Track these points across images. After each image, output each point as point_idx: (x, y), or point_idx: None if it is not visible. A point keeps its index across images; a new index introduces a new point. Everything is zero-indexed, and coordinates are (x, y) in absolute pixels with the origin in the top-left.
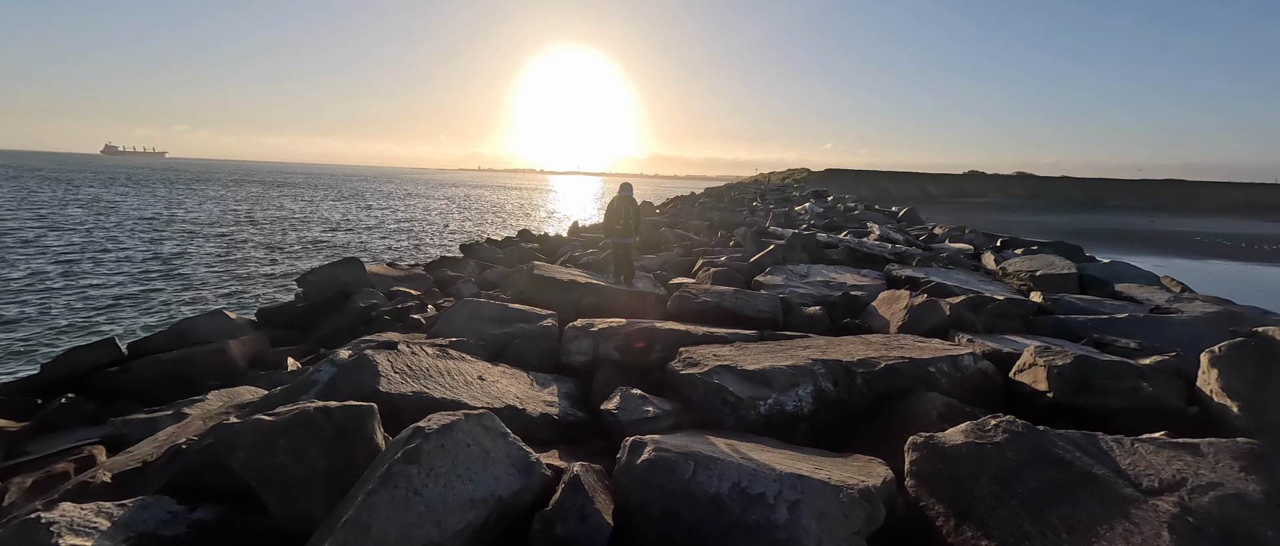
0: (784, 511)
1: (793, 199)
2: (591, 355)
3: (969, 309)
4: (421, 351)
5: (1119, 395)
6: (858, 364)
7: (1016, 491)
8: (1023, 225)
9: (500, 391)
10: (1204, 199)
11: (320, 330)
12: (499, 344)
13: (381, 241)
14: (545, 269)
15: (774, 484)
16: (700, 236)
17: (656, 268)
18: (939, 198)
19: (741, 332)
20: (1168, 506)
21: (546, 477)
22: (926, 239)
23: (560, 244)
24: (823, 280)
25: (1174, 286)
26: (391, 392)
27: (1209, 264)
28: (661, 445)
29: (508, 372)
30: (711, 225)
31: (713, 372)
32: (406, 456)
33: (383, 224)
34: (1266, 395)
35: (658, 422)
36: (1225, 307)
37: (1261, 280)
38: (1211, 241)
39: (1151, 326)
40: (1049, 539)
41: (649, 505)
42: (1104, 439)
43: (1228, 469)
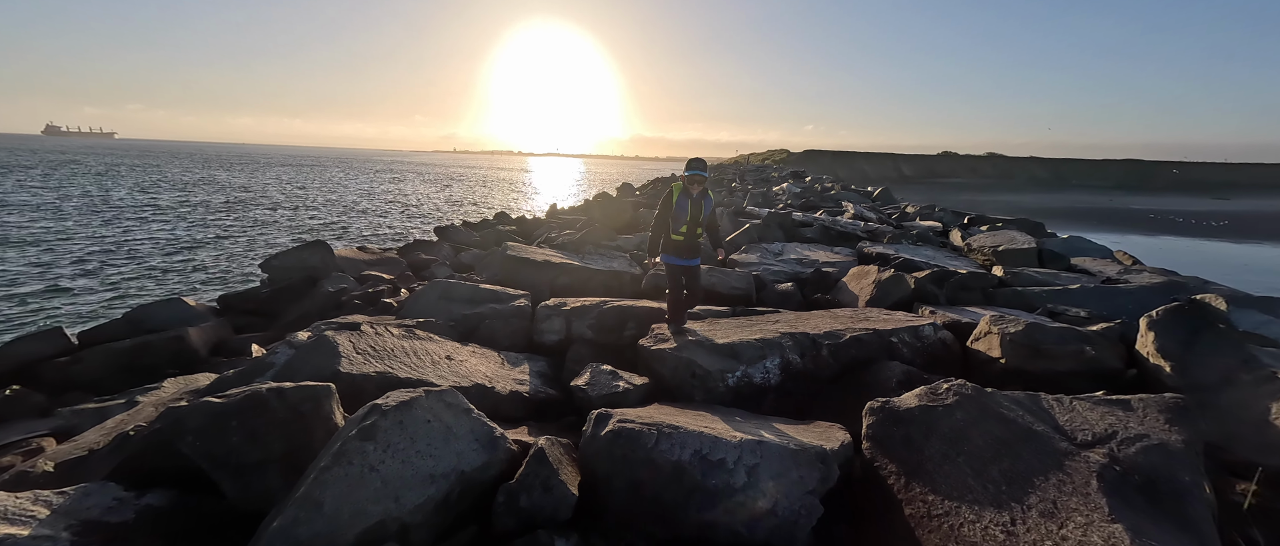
0: (743, 475)
1: (771, 179)
2: (564, 334)
3: (933, 282)
4: (386, 332)
5: (1065, 359)
6: (824, 336)
7: (963, 449)
8: (991, 204)
9: (469, 370)
10: (1159, 178)
11: (287, 316)
12: (470, 324)
13: (351, 225)
14: (519, 250)
15: (734, 450)
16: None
17: (633, 247)
18: (913, 178)
19: (714, 309)
20: (1098, 457)
21: (512, 452)
22: (898, 217)
23: (538, 226)
24: (797, 257)
25: (1126, 260)
26: (353, 373)
27: (1160, 239)
28: (626, 417)
29: (478, 352)
30: None
31: (682, 347)
32: (362, 433)
33: (353, 207)
34: (1195, 355)
35: (627, 397)
36: (1170, 278)
37: (1206, 253)
38: (1163, 218)
39: (1102, 296)
40: (989, 491)
41: (614, 476)
42: (1045, 398)
43: (1154, 421)
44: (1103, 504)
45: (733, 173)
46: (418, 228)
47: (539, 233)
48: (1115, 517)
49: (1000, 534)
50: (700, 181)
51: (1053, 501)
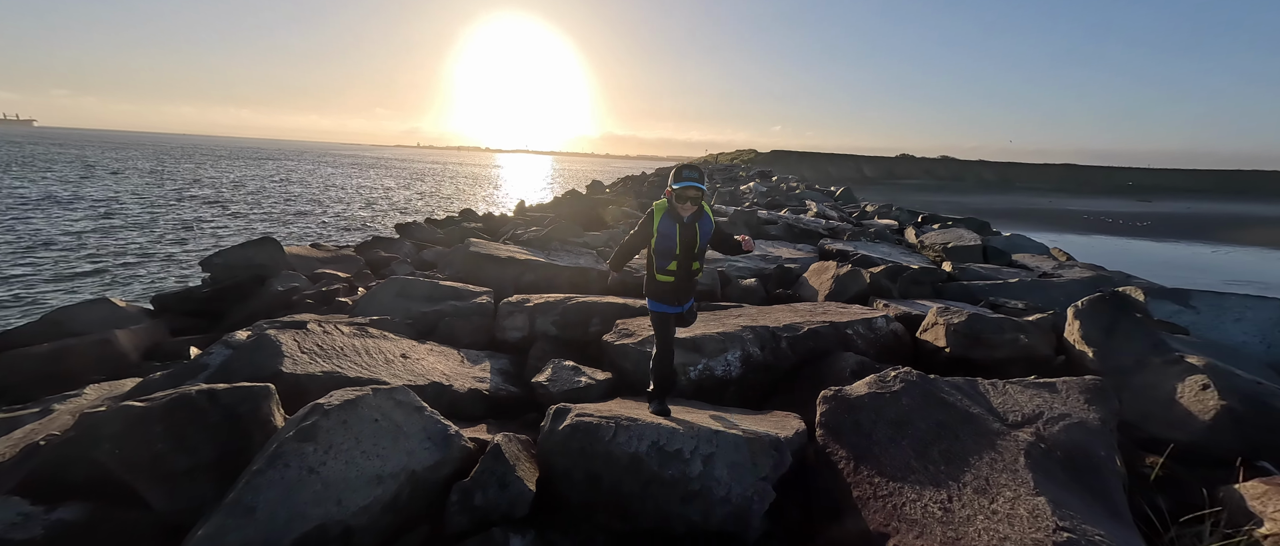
0: (698, 464)
1: (739, 179)
2: (527, 331)
3: (887, 277)
4: (335, 330)
5: (1002, 346)
6: (784, 329)
7: (907, 432)
8: (944, 204)
9: (425, 368)
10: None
11: (231, 317)
12: (428, 322)
13: (305, 221)
14: (483, 246)
15: (691, 441)
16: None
17: (601, 244)
18: (873, 178)
19: None
20: (1026, 435)
21: (468, 450)
22: (858, 216)
23: (504, 223)
24: (760, 254)
25: (1061, 256)
26: (297, 373)
27: (1092, 238)
28: (584, 411)
29: (435, 350)
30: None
31: (646, 342)
32: (300, 434)
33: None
34: (1114, 341)
35: (590, 392)
36: (1097, 273)
37: (1131, 250)
38: (1095, 218)
39: (1038, 289)
40: (930, 471)
41: (572, 470)
42: (982, 383)
43: (1075, 402)
44: (1029, 479)
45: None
46: (378, 225)
47: (506, 230)
48: (1039, 491)
49: (938, 510)
50: (695, 197)
51: (986, 478)
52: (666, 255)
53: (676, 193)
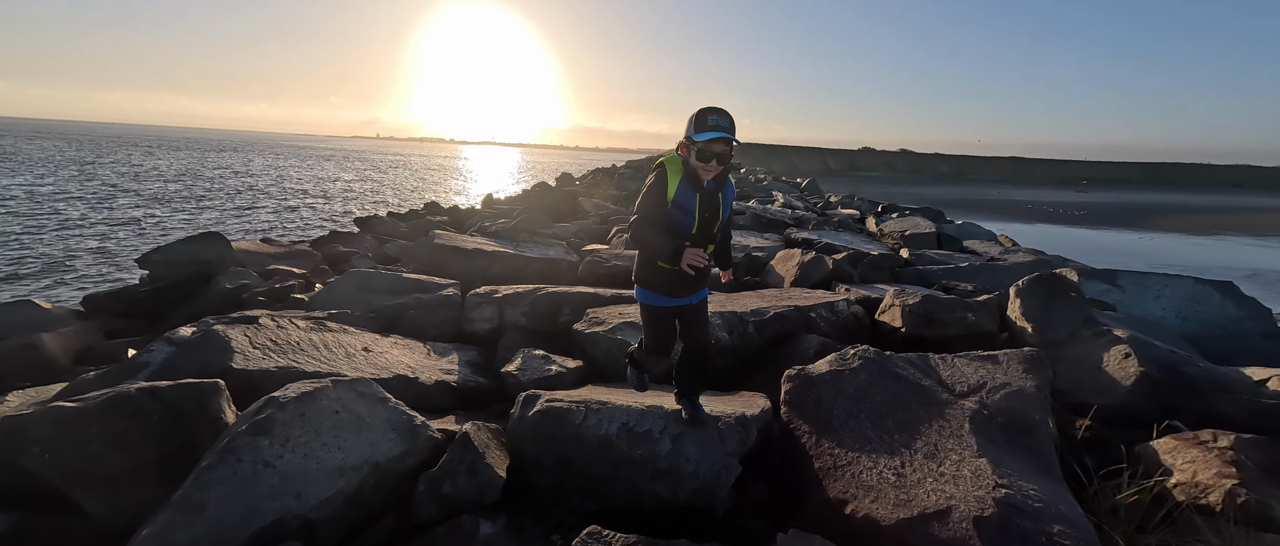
0: (667, 443)
1: None
2: (496, 322)
3: (849, 263)
4: (291, 325)
5: (953, 325)
6: (750, 314)
7: (865, 405)
8: (903, 195)
9: (389, 362)
10: (1035, 173)
11: (173, 318)
12: (392, 315)
13: (254, 216)
14: (448, 238)
15: (660, 421)
16: (618, 206)
17: (571, 235)
18: (837, 170)
19: None
20: (971, 404)
21: (435, 440)
22: (823, 206)
23: (472, 216)
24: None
25: (1007, 242)
26: (249, 369)
27: (1035, 226)
28: (554, 396)
29: (399, 343)
30: (629, 195)
31: (616, 330)
32: (254, 428)
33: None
34: (1050, 317)
35: (561, 380)
36: (1038, 257)
37: (1068, 237)
38: (1037, 207)
39: (985, 272)
40: (885, 440)
41: (542, 454)
42: (933, 357)
43: (1015, 372)
44: (972, 442)
45: None
46: (336, 219)
47: (473, 222)
48: (981, 453)
49: (892, 476)
50: (724, 153)
51: (935, 444)
52: (679, 228)
53: (701, 147)
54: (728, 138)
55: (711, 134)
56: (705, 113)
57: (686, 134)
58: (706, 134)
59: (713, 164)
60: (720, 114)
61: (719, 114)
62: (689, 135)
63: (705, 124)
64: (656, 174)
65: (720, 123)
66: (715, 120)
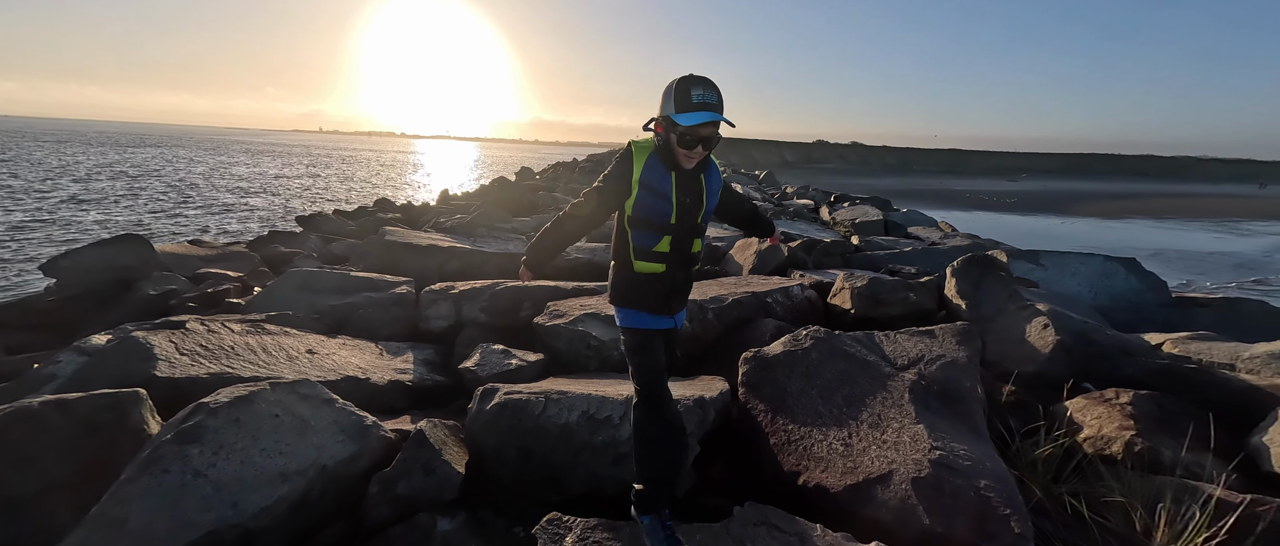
0: (628, 428)
1: None
2: (454, 319)
3: (803, 250)
4: (224, 329)
5: (896, 305)
6: (710, 301)
7: (816, 382)
8: (854, 185)
9: (337, 363)
10: (972, 164)
11: (88, 329)
12: (339, 316)
13: (182, 217)
14: (401, 235)
15: (620, 407)
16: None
17: (531, 229)
18: (794, 163)
19: None
20: (911, 375)
21: (389, 440)
22: (780, 197)
23: (426, 213)
24: None
25: (947, 228)
26: (176, 377)
27: (972, 213)
28: (513, 388)
29: (348, 344)
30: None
31: (578, 321)
32: (182, 436)
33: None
34: (981, 294)
35: (521, 373)
36: (973, 241)
37: (1001, 222)
38: (975, 196)
39: (927, 256)
40: (834, 414)
41: (502, 447)
42: (877, 335)
43: (949, 344)
44: (911, 410)
45: None
46: (276, 218)
47: (427, 219)
48: (919, 419)
49: (841, 446)
50: (711, 136)
51: (878, 414)
52: (654, 226)
53: (684, 132)
54: (715, 117)
55: (699, 116)
56: (687, 85)
57: (662, 110)
58: (692, 116)
59: (698, 151)
60: (706, 86)
61: (705, 86)
62: (666, 114)
63: (688, 100)
64: (621, 160)
65: (707, 98)
66: (701, 95)
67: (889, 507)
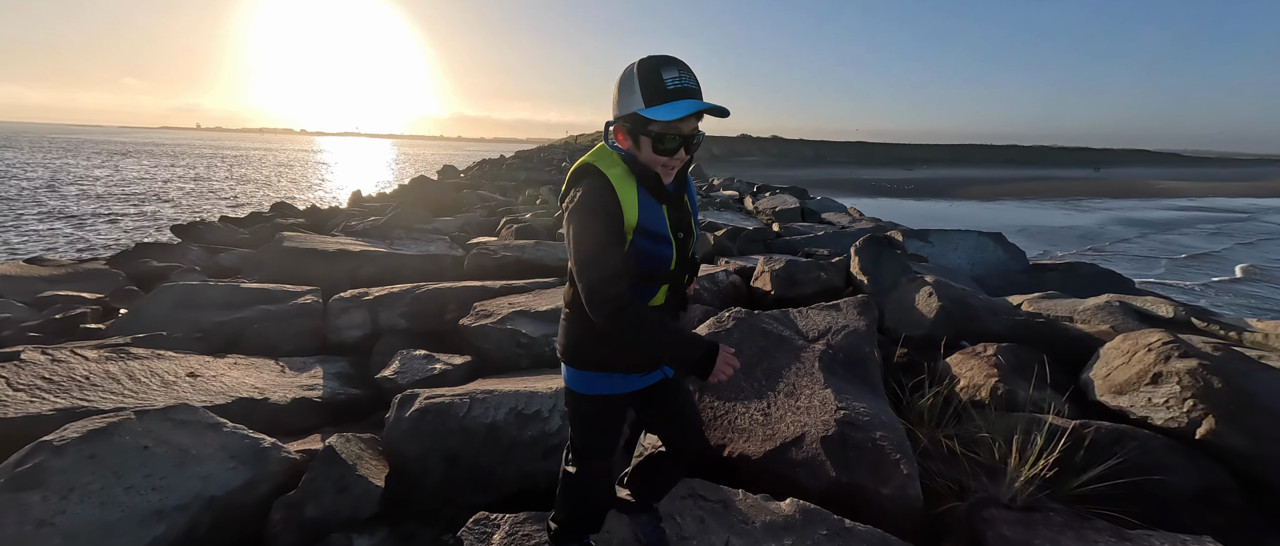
0: (558, 419)
1: None
2: (369, 327)
3: (728, 238)
4: (74, 356)
5: (810, 284)
6: None
7: (738, 360)
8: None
9: (227, 385)
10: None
11: None
12: (228, 333)
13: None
14: (303, 240)
15: (549, 399)
16: (506, 197)
17: (455, 229)
18: (721, 156)
19: (541, 280)
20: (820, 346)
21: (292, 462)
22: (707, 189)
23: (335, 216)
24: None
25: (855, 213)
26: (10, 417)
27: (878, 199)
28: (435, 393)
29: (241, 363)
30: (518, 185)
31: (507, 319)
32: (16, 482)
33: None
34: (879, 269)
35: (447, 377)
36: (877, 223)
37: (901, 207)
38: (879, 184)
39: (838, 239)
40: (755, 387)
41: (427, 455)
42: (792, 311)
43: (852, 315)
44: (820, 377)
45: (563, 153)
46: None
47: (336, 222)
48: (827, 384)
49: (760, 416)
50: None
51: (793, 383)
52: (650, 278)
53: (661, 131)
54: (698, 106)
55: (681, 106)
56: (655, 67)
57: (622, 110)
58: (671, 107)
59: (680, 156)
60: (679, 67)
61: (678, 67)
62: (631, 111)
63: (661, 88)
64: (588, 189)
65: (685, 82)
66: (676, 78)
67: (802, 465)
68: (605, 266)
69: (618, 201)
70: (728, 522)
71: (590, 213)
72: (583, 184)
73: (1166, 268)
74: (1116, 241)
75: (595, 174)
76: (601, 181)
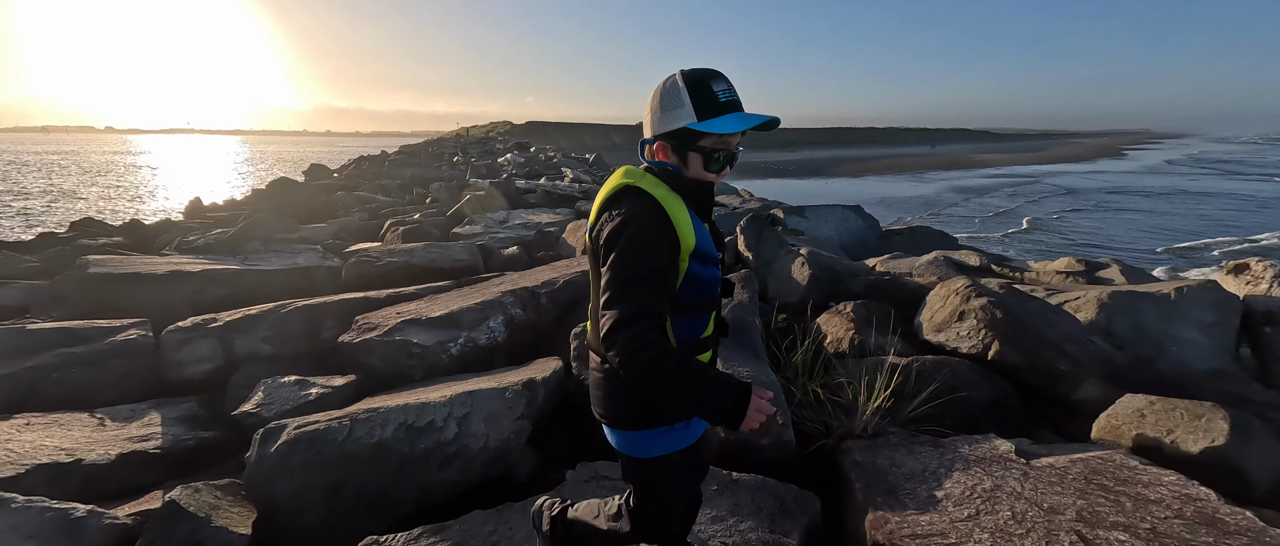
0: (453, 427)
1: (496, 151)
2: (222, 358)
3: None
4: None
5: None
6: (542, 286)
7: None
8: None
9: (18, 452)
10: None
11: None
12: (17, 386)
13: None
14: (118, 263)
15: (443, 409)
16: (391, 198)
17: (329, 237)
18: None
19: (435, 285)
20: None
21: (121, 528)
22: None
23: (166, 231)
24: (521, 223)
25: (746, 195)
26: None
27: (767, 180)
28: (308, 419)
29: (38, 422)
30: (405, 184)
31: (394, 330)
32: None
33: None
34: (762, 245)
35: (327, 401)
36: (764, 203)
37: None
38: (768, 165)
39: (730, 220)
40: None
41: (304, 489)
42: None
43: (736, 290)
44: None
45: (454, 146)
46: None
47: (167, 238)
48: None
49: None
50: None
51: None
52: (703, 306)
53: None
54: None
55: (740, 119)
56: (705, 80)
57: (666, 126)
58: (726, 120)
59: (726, 170)
60: (726, 80)
61: (726, 81)
62: (680, 126)
63: (714, 100)
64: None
65: (735, 96)
66: (727, 92)
67: None
68: (655, 293)
69: (672, 226)
70: None
71: (641, 234)
72: (627, 204)
73: (980, 224)
74: (949, 206)
75: (640, 195)
76: (650, 203)
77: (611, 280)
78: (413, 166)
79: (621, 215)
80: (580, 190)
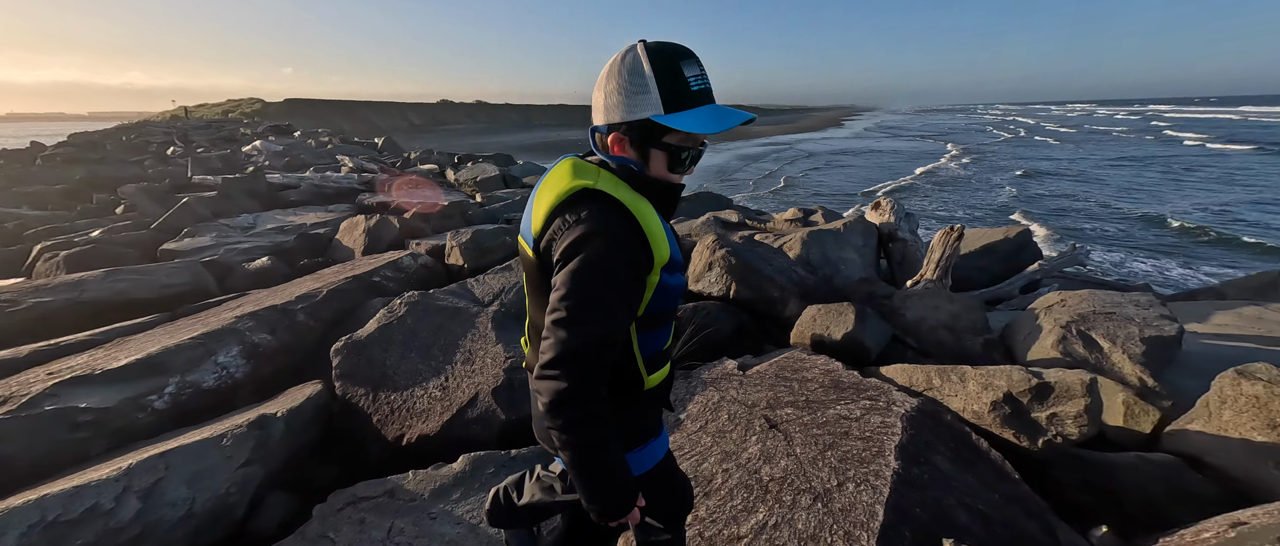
0: (133, 504)
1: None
2: None
3: (421, 219)
4: None
5: (499, 250)
6: (297, 301)
7: (415, 344)
8: (487, 144)
9: None
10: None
11: None
12: None
13: None
14: None
15: (113, 486)
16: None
17: None
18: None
19: (129, 324)
20: (495, 307)
21: None
22: (402, 164)
23: None
24: (276, 226)
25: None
26: None
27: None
28: None
29: None
30: (72, 189)
31: (43, 398)
32: None
33: None
34: None
35: None
36: None
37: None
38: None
39: None
40: (433, 366)
41: None
42: (470, 281)
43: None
44: (493, 336)
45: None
46: None
47: None
48: (498, 341)
49: (438, 392)
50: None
51: (469, 351)
52: (667, 318)
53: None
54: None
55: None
56: (674, 62)
57: (629, 113)
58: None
59: (690, 170)
60: (698, 62)
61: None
62: (643, 116)
63: (685, 88)
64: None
65: (707, 84)
66: (700, 79)
67: (477, 421)
68: (615, 322)
69: (646, 241)
70: (393, 509)
71: (610, 252)
72: (591, 211)
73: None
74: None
75: (604, 200)
76: (620, 213)
77: (565, 298)
78: (89, 163)
79: (586, 226)
80: (362, 181)
